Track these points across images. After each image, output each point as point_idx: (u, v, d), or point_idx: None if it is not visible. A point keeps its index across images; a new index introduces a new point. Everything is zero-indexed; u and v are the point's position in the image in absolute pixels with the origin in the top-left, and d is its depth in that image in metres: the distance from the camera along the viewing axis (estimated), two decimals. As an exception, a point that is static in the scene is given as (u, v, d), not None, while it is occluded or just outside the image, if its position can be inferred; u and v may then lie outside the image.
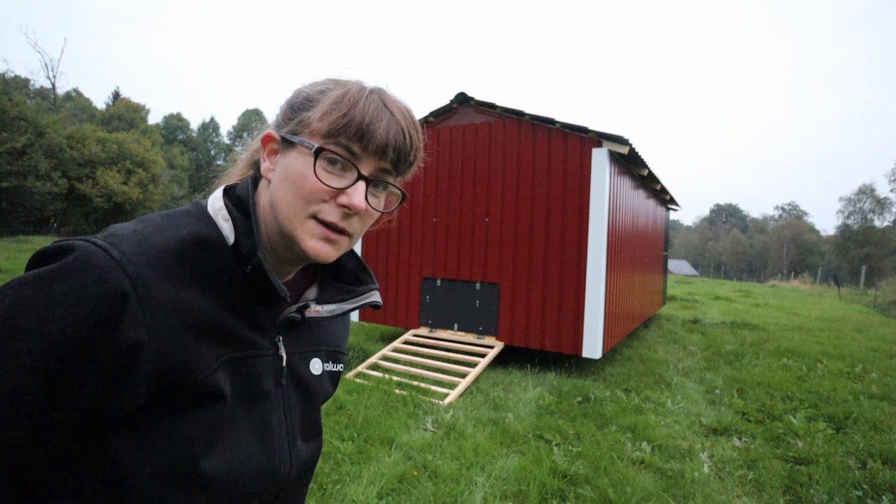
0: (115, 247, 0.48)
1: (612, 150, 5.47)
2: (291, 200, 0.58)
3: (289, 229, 0.59)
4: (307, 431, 0.69)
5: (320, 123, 0.58)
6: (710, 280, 35.58)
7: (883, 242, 33.91)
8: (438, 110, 6.54)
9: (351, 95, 0.59)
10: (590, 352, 5.34)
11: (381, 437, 3.48)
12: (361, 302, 0.69)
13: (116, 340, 0.47)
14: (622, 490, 2.88)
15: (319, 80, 0.64)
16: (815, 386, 5.25)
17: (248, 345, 0.59)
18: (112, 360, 0.48)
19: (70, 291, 0.46)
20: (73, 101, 46.89)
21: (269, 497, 0.62)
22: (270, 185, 0.61)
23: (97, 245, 0.48)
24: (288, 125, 0.61)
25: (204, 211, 0.60)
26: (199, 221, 0.58)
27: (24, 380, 0.45)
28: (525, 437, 3.64)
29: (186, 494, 0.53)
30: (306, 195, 0.58)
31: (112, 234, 0.51)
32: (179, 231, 0.55)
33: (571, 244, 5.53)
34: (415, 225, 6.70)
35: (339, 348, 0.77)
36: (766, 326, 9.68)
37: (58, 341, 0.45)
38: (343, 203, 0.58)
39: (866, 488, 3.00)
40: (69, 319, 0.45)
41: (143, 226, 0.54)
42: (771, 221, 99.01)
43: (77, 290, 0.46)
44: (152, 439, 0.52)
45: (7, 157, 21.20)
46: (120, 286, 0.47)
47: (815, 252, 73.39)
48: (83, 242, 0.48)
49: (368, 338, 7.06)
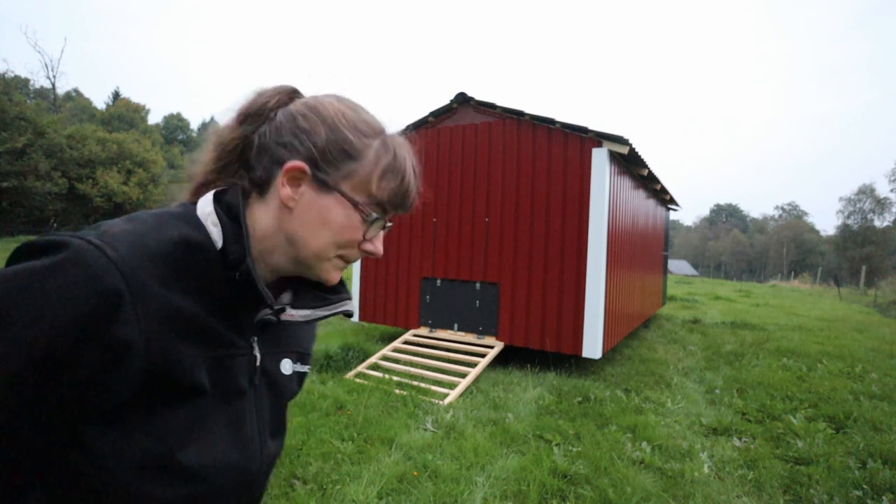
0: (110, 246, 0.49)
1: (612, 150, 5.47)
2: (325, 243, 0.64)
3: (312, 262, 0.65)
4: (276, 429, 0.73)
5: (373, 187, 0.64)
6: (710, 280, 35.58)
7: (883, 242, 33.89)
8: (438, 110, 6.54)
9: (399, 164, 0.65)
10: (590, 352, 5.34)
11: (381, 437, 3.48)
12: (335, 310, 0.71)
13: (107, 338, 0.48)
14: (622, 490, 2.88)
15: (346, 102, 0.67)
16: (815, 386, 5.25)
17: (229, 345, 0.62)
18: (101, 358, 0.49)
19: (65, 287, 0.46)
20: (73, 101, 46.88)
21: (242, 490, 0.66)
22: (290, 215, 0.63)
23: (91, 243, 0.49)
24: (327, 170, 0.63)
25: (193, 214, 0.61)
26: (189, 225, 0.59)
27: (13, 372, 0.46)
28: (525, 437, 3.64)
29: (164, 486, 0.54)
30: (341, 242, 0.64)
31: (105, 231, 0.51)
32: (171, 233, 0.56)
33: (571, 244, 5.53)
34: (415, 225, 6.70)
35: (307, 350, 0.80)
36: (766, 326, 9.68)
37: (50, 336, 0.46)
38: (367, 249, 0.66)
39: (866, 488, 3.00)
40: (62, 315, 0.46)
41: (134, 225, 0.54)
42: (771, 221, 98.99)
43: (72, 287, 0.47)
44: (130, 432, 0.53)
45: (7, 157, 21.20)
46: (114, 285, 0.48)
47: (815, 252, 73.38)
48: (77, 239, 0.49)
49: (368, 338, 7.06)
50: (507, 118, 6.01)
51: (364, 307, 7.21)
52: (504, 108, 6.01)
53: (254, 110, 0.65)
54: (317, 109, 0.64)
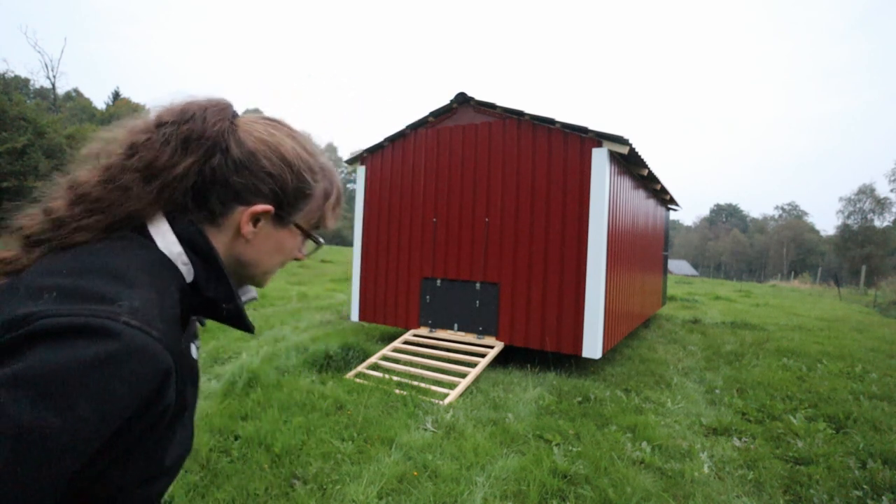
0: (151, 326, 0.52)
1: (612, 150, 5.47)
2: (276, 264, 0.75)
3: (259, 278, 0.75)
4: None
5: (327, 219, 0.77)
6: (710, 280, 35.58)
7: (883, 242, 33.92)
8: (438, 110, 6.54)
9: (340, 192, 0.78)
10: (590, 352, 5.34)
11: (381, 437, 3.48)
12: (244, 299, 0.77)
13: (159, 407, 0.53)
14: (622, 490, 2.88)
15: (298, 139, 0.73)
16: (815, 386, 5.25)
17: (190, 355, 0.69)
18: (148, 423, 0.53)
19: (136, 371, 0.49)
20: (73, 101, 46.88)
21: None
22: (246, 244, 0.70)
23: (135, 328, 0.50)
24: (288, 210, 0.71)
25: (165, 257, 0.62)
26: (171, 273, 0.61)
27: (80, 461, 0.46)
28: (525, 437, 3.64)
29: (146, 486, 0.59)
30: (287, 261, 0.76)
31: (132, 310, 0.52)
32: (172, 293, 0.60)
33: (571, 244, 5.53)
34: (415, 225, 6.70)
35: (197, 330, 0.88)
36: (766, 326, 9.68)
37: (118, 417, 0.48)
38: (300, 259, 0.79)
39: (866, 488, 3.00)
40: (132, 395, 0.49)
41: (144, 293, 0.55)
42: (771, 221, 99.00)
43: (137, 372, 0.49)
44: (138, 459, 0.55)
45: (7, 157, 21.20)
46: (167, 364, 0.52)
47: (815, 252, 73.40)
48: (122, 326, 0.49)
49: (368, 338, 7.06)
50: (507, 118, 6.01)
51: (364, 307, 7.21)
52: (504, 108, 6.01)
53: (196, 135, 0.64)
54: (278, 151, 0.68)
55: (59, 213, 0.61)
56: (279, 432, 3.38)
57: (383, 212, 7.07)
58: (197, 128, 0.64)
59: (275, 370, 5.00)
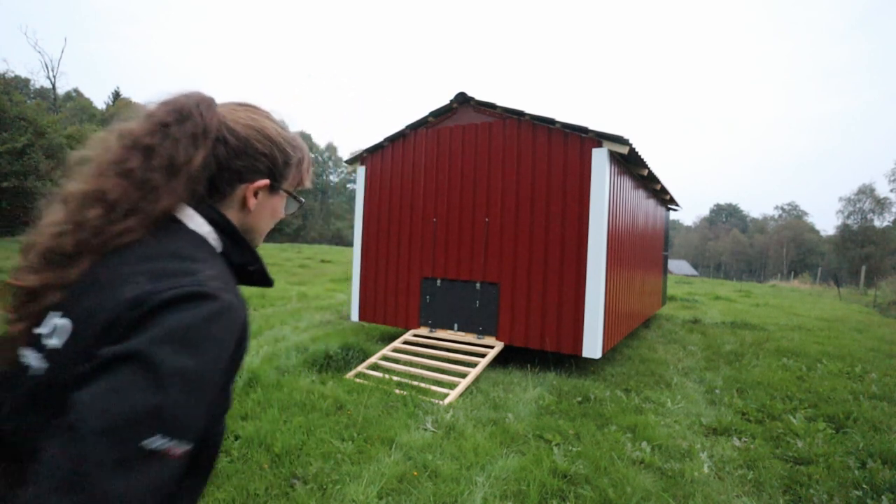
0: (231, 293, 0.66)
1: (612, 150, 5.46)
2: (269, 225, 0.88)
3: (257, 240, 0.88)
4: None
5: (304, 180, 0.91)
6: (710, 280, 35.55)
7: (883, 242, 33.92)
8: (438, 110, 6.54)
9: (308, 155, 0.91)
10: (590, 352, 5.34)
11: (381, 437, 3.48)
12: None
13: (241, 351, 0.67)
14: (622, 490, 2.88)
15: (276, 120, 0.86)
16: (814, 386, 5.25)
17: None
18: (236, 365, 0.67)
19: (230, 324, 0.63)
20: (73, 101, 46.89)
21: None
22: (249, 214, 0.83)
23: (225, 291, 0.65)
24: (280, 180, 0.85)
25: (201, 237, 0.75)
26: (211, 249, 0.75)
27: (218, 385, 0.62)
28: (525, 437, 3.64)
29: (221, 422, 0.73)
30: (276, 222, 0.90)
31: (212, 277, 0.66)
32: (223, 265, 0.74)
33: (571, 244, 5.53)
34: (415, 225, 6.70)
35: None
36: (765, 326, 9.68)
37: (229, 356, 0.63)
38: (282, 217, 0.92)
39: (866, 488, 3.00)
40: (231, 341, 0.63)
41: (210, 265, 0.69)
42: (771, 221, 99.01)
43: (234, 322, 0.64)
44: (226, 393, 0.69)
45: (7, 157, 21.19)
46: (245, 316, 0.68)
47: (815, 252, 73.39)
48: (214, 290, 0.63)
49: (368, 338, 7.06)
50: (507, 118, 6.01)
51: (364, 307, 7.21)
52: (504, 108, 6.01)
53: (201, 130, 0.73)
54: (265, 133, 0.81)
55: (95, 222, 0.67)
56: (279, 432, 3.38)
57: (383, 212, 7.07)
58: (199, 124, 0.73)
59: (275, 370, 5.00)
